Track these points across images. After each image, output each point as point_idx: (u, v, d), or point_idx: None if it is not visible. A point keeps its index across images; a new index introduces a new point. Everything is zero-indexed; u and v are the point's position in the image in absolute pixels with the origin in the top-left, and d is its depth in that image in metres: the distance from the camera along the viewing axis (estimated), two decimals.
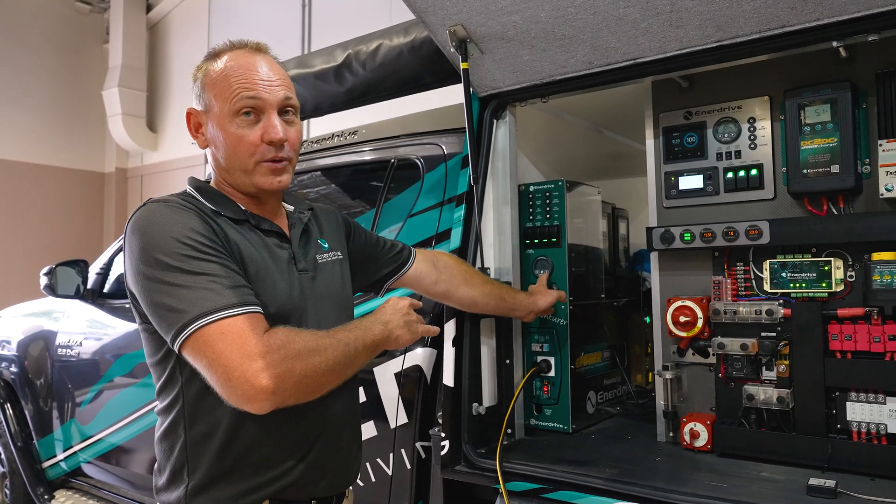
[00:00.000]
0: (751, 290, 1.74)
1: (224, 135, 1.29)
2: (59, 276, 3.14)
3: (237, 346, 1.09)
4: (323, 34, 7.58)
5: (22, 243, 9.62)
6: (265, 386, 1.08)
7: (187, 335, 1.11)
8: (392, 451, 1.97)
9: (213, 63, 1.33)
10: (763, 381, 1.70)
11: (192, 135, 1.37)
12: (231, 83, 1.28)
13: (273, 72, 1.33)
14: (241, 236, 1.28)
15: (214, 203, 1.31)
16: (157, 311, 1.17)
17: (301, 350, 1.14)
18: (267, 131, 1.29)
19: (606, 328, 2.25)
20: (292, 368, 1.12)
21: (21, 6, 9.88)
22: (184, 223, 1.19)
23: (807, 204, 1.67)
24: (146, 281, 1.17)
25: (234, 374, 1.09)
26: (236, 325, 1.11)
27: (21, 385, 3.45)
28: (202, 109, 1.33)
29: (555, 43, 1.72)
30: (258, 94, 1.28)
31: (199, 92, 1.33)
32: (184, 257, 1.15)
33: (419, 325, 1.42)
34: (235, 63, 1.31)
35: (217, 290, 1.14)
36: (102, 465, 3.10)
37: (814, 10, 1.44)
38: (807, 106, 1.64)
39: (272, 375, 1.09)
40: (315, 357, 1.16)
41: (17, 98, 9.82)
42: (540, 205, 2.01)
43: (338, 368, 1.20)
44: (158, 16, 10.48)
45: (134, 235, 1.20)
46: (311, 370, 1.15)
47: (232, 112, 1.28)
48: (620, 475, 1.60)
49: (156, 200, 1.26)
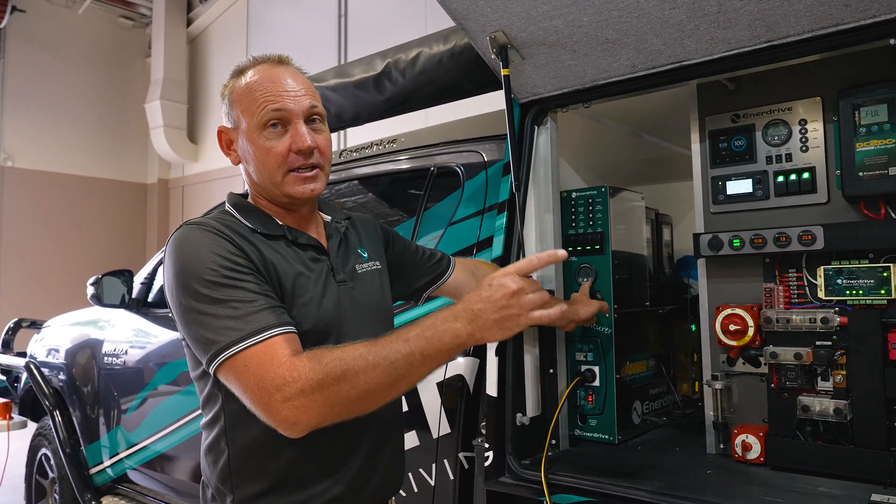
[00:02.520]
0: (804, 298, 1.68)
1: (254, 148, 1.31)
2: (105, 286, 3.20)
3: (258, 378, 1.09)
4: (359, 44, 7.65)
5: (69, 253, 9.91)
6: (285, 418, 1.09)
7: (217, 365, 1.13)
8: (435, 462, 1.95)
9: (238, 80, 1.35)
10: (818, 392, 1.64)
11: (225, 152, 1.39)
12: (256, 97, 1.29)
13: (297, 82, 1.33)
14: (276, 254, 1.28)
15: (251, 220, 1.32)
16: (190, 339, 1.19)
17: (323, 379, 1.08)
18: (295, 140, 1.29)
19: (651, 336, 2.21)
20: (312, 400, 1.08)
21: (66, 24, 10.21)
22: (214, 249, 1.20)
23: (863, 208, 1.61)
24: (180, 307, 1.19)
25: (261, 403, 1.10)
26: (259, 355, 1.11)
27: (69, 392, 3.53)
28: (232, 126, 1.35)
29: (597, 47, 1.69)
30: (283, 104, 1.29)
31: (228, 109, 1.35)
32: (213, 284, 1.16)
33: (525, 317, 1.14)
34: (259, 77, 1.32)
35: (243, 318, 1.14)
36: (147, 472, 3.14)
37: (870, 6, 1.39)
38: (862, 106, 1.58)
39: (291, 408, 1.08)
40: (344, 384, 1.08)
41: (63, 113, 10.14)
42: (583, 211, 1.98)
43: (378, 390, 1.11)
44: (198, 29, 10.72)
45: (170, 259, 1.23)
46: (338, 399, 1.09)
47: (259, 125, 1.29)
48: (670, 488, 1.56)
49: (192, 223, 1.27)
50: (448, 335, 1.12)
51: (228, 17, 10.18)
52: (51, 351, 3.78)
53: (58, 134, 10.07)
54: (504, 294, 1.14)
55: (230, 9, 10.12)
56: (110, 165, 10.69)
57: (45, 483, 3.78)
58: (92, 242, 10.19)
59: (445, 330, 1.12)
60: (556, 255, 1.22)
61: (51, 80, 10.03)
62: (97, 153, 10.51)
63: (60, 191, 10.04)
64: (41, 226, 9.81)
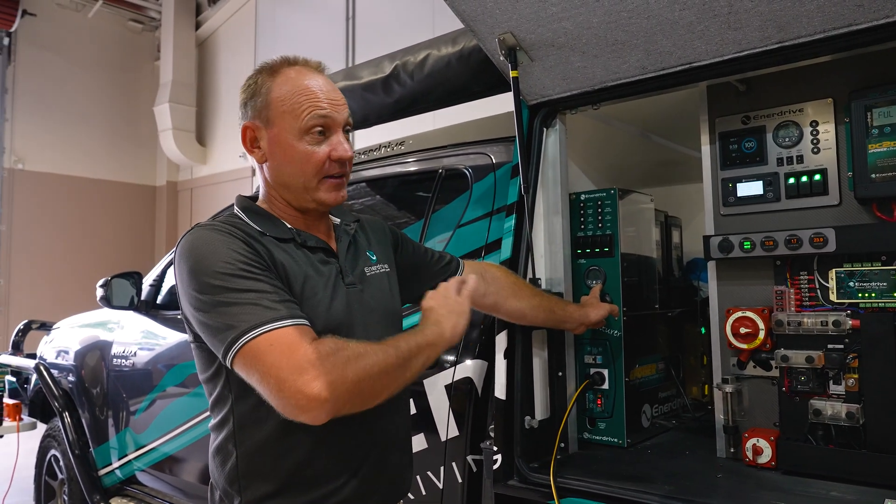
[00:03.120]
0: (815, 301, 1.67)
1: (291, 151, 1.30)
2: (115, 288, 3.21)
3: (287, 356, 1.08)
4: (367, 46, 7.67)
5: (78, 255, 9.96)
6: (318, 394, 1.06)
7: (237, 349, 1.11)
8: (443, 465, 1.95)
9: (272, 78, 1.33)
10: (830, 396, 1.62)
11: (248, 150, 1.37)
12: (301, 101, 1.30)
13: (337, 92, 1.36)
14: (286, 255, 1.28)
15: (260, 223, 1.32)
16: (208, 331, 1.18)
17: (350, 356, 1.12)
18: (336, 149, 1.31)
19: (661, 339, 2.20)
20: (344, 374, 1.09)
21: (76, 28, 10.27)
22: (229, 246, 1.20)
23: (875, 210, 1.60)
24: (196, 303, 1.18)
25: (287, 384, 1.07)
26: (286, 336, 1.11)
27: (78, 394, 3.54)
28: (262, 124, 1.33)
29: (607, 49, 1.69)
30: (329, 112, 1.31)
31: (260, 108, 1.33)
32: (230, 277, 1.16)
33: (465, 302, 1.37)
34: (302, 83, 1.32)
35: (265, 305, 1.14)
36: (156, 474, 3.15)
37: (882, 6, 1.38)
38: (874, 107, 1.56)
39: (325, 383, 1.07)
40: (366, 360, 1.13)
41: (72, 116, 10.20)
42: (592, 214, 1.97)
43: (391, 371, 1.17)
44: (207, 33, 10.77)
45: (182, 260, 1.22)
46: (364, 374, 1.12)
47: (303, 129, 1.30)
48: (680, 492, 1.55)
49: (202, 225, 1.28)
50: (429, 327, 1.29)
51: (237, 20, 10.22)
52: (60, 352, 3.79)
53: (67, 137, 10.13)
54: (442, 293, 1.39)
55: (238, 12, 10.16)
56: (119, 168, 10.74)
57: (55, 484, 3.79)
58: (101, 245, 10.24)
59: (424, 325, 1.30)
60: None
61: (61, 84, 10.09)
62: (106, 156, 10.56)
63: (70, 193, 10.10)
64: (51, 228, 9.87)
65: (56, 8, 10.05)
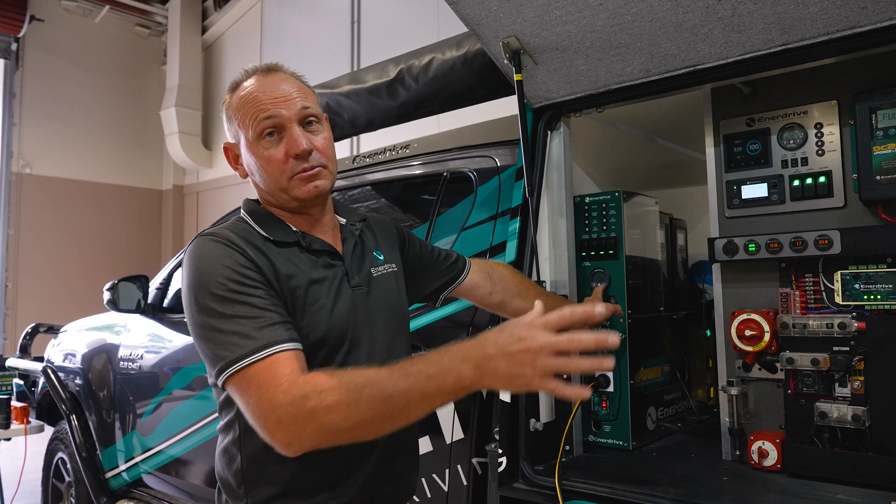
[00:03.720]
0: (821, 303, 1.67)
1: (256, 160, 1.32)
2: (121, 291, 3.22)
3: (258, 396, 1.10)
4: (372, 50, 7.68)
5: (85, 259, 10.00)
6: (280, 440, 1.09)
7: (223, 380, 1.14)
8: (448, 467, 1.95)
9: (233, 95, 1.35)
10: (836, 398, 1.62)
11: (233, 167, 1.41)
12: (249, 109, 1.30)
13: (288, 85, 1.33)
14: (289, 263, 1.29)
15: (265, 227, 1.33)
16: (200, 352, 1.21)
17: (318, 407, 1.05)
18: (290, 146, 1.29)
19: (665, 342, 2.19)
20: (303, 429, 1.07)
21: (83, 33, 10.33)
22: (226, 261, 1.21)
23: (881, 212, 1.60)
24: (192, 320, 1.21)
25: (259, 423, 1.11)
26: (263, 372, 1.11)
27: (85, 397, 3.56)
28: (234, 141, 1.36)
29: (611, 52, 1.69)
30: (273, 111, 1.29)
31: (228, 125, 1.36)
32: (221, 299, 1.17)
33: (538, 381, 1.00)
34: (250, 88, 1.32)
35: (248, 334, 1.14)
36: (162, 476, 3.16)
37: (886, 9, 1.38)
38: (879, 109, 1.56)
39: (285, 433, 1.08)
40: (338, 413, 1.05)
41: (80, 120, 10.25)
42: (596, 216, 1.97)
43: (371, 424, 1.07)
44: (213, 37, 10.82)
45: (185, 271, 1.25)
46: (333, 427, 1.06)
47: (256, 136, 1.30)
48: (686, 495, 1.55)
49: (207, 234, 1.28)
50: (452, 376, 1.03)
51: (243, 24, 10.26)
52: (67, 355, 3.81)
53: (75, 141, 10.18)
54: (521, 348, 1.01)
55: (244, 16, 10.21)
56: (126, 172, 10.79)
57: (62, 487, 3.81)
58: (108, 248, 10.29)
59: (450, 370, 1.03)
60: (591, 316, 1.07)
61: (68, 88, 10.15)
62: (113, 160, 10.61)
63: (77, 197, 10.15)
64: (58, 232, 9.92)
65: (63, 13, 10.11)
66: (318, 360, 1.26)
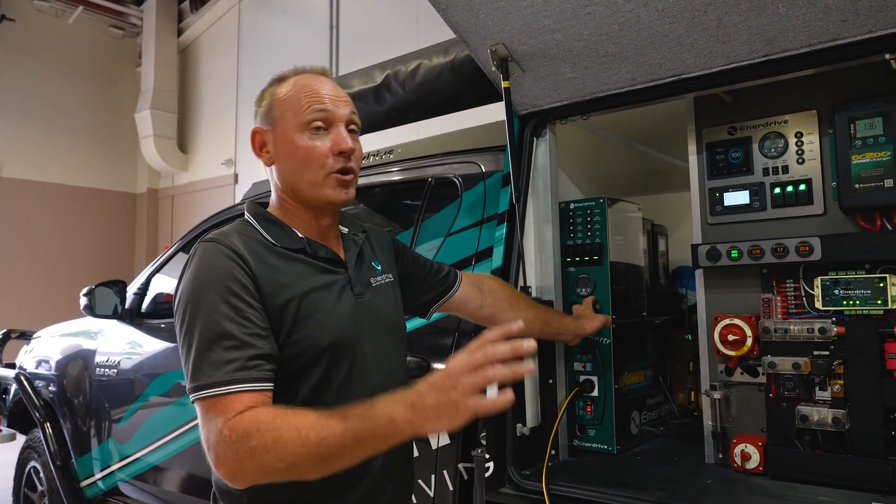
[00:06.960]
0: (802, 308, 1.70)
1: (295, 148, 1.33)
2: (98, 296, 3.17)
3: (206, 430, 1.13)
4: (351, 55, 7.67)
5: (58, 263, 9.82)
6: (223, 473, 1.12)
7: (191, 398, 1.17)
8: (434, 473, 1.95)
9: (279, 86, 1.38)
10: (817, 402, 1.65)
11: (256, 153, 1.40)
12: (301, 98, 1.34)
13: (339, 90, 1.39)
14: (291, 271, 1.28)
15: (271, 232, 1.33)
16: (181, 359, 1.22)
17: (257, 446, 1.06)
18: (337, 142, 1.32)
19: (648, 346, 2.22)
20: (242, 466, 1.08)
21: (56, 32, 10.16)
22: (223, 275, 1.21)
23: (859, 219, 1.64)
24: (179, 327, 1.22)
25: (206, 453, 1.14)
26: (215, 408, 1.13)
27: (60, 404, 3.49)
28: (268, 128, 1.37)
29: (597, 60, 1.71)
30: (327, 106, 1.33)
31: (266, 111, 1.37)
32: (211, 322, 1.18)
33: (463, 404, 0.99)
34: (304, 83, 1.36)
35: (217, 366, 1.15)
36: (139, 485, 3.11)
37: (866, 22, 1.42)
38: (857, 119, 1.61)
39: (226, 468, 1.11)
40: (273, 454, 1.05)
41: (52, 122, 10.07)
42: (581, 222, 1.99)
43: (305, 465, 1.06)
44: (189, 39, 10.70)
45: (187, 276, 1.25)
46: (269, 468, 1.07)
47: (303, 124, 1.32)
48: (670, 498, 1.57)
49: (210, 240, 1.27)
50: (385, 419, 1.03)
51: (219, 27, 10.17)
52: (41, 362, 3.73)
53: (47, 143, 10.00)
54: (443, 375, 1.01)
55: (221, 19, 10.11)
56: (100, 175, 10.62)
57: (34, 497, 3.72)
58: (81, 252, 10.11)
59: (384, 412, 1.03)
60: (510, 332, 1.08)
61: (40, 90, 9.97)
62: (87, 163, 10.44)
63: (50, 201, 9.96)
64: (30, 236, 9.72)
65: (36, 13, 9.94)
66: (322, 369, 1.26)
